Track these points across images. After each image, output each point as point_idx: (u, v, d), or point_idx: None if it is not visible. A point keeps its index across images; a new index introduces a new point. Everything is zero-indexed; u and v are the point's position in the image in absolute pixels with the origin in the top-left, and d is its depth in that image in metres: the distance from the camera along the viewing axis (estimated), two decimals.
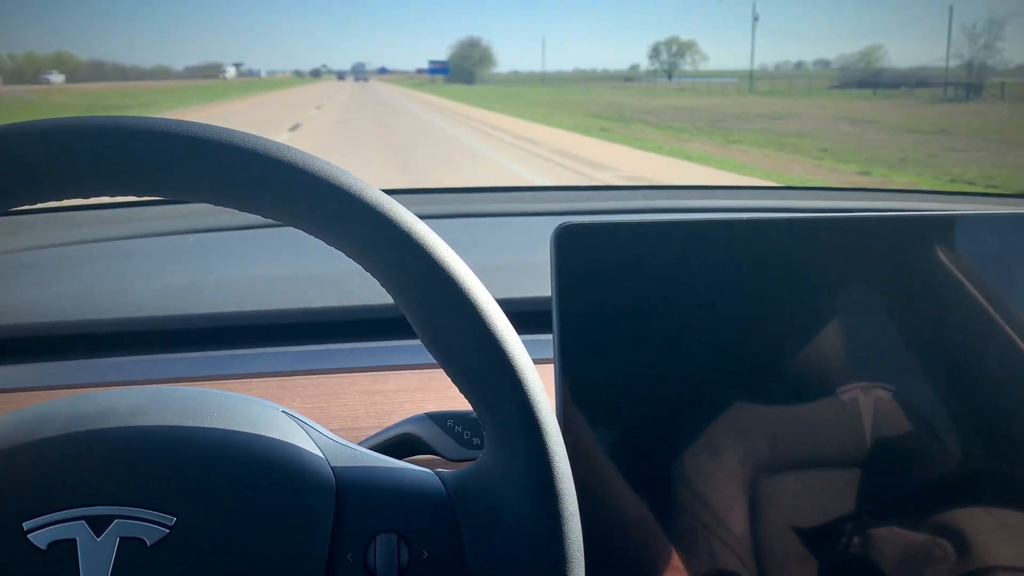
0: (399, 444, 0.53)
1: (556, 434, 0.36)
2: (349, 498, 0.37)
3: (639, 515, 0.49)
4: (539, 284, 0.71)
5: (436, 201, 1.26)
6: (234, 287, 0.84)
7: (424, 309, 0.34)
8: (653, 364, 0.49)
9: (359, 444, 0.54)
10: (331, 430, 0.43)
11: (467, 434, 0.52)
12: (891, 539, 0.50)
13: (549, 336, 0.48)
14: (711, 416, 0.49)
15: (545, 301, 0.49)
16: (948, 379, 0.51)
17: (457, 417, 0.52)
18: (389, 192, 0.36)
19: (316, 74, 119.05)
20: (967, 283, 0.51)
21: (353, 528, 0.37)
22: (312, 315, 0.77)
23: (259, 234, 1.06)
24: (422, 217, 0.35)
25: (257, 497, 0.36)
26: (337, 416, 0.65)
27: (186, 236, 1.05)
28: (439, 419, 0.52)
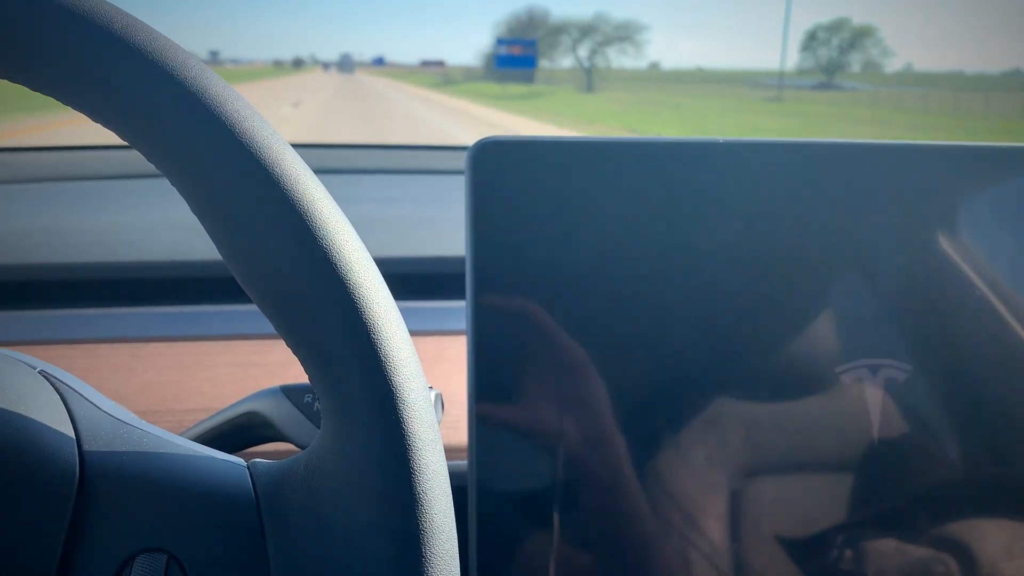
0: (240, 429, 0.40)
1: (420, 406, 0.24)
2: (100, 498, 0.25)
3: (591, 523, 0.37)
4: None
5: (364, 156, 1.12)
6: (90, 236, 0.69)
7: (220, 199, 0.22)
8: (597, 325, 0.37)
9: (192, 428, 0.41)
10: (185, 412, 0.30)
11: None
12: (888, 552, 0.43)
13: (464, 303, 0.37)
14: (676, 396, 0.38)
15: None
16: (967, 367, 0.40)
17: None
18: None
19: (298, 64, 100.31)
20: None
21: (101, 542, 0.25)
22: (184, 269, 0.64)
23: (144, 183, 0.91)
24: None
25: None
26: (197, 393, 0.51)
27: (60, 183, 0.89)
28: (294, 393, 0.38)
